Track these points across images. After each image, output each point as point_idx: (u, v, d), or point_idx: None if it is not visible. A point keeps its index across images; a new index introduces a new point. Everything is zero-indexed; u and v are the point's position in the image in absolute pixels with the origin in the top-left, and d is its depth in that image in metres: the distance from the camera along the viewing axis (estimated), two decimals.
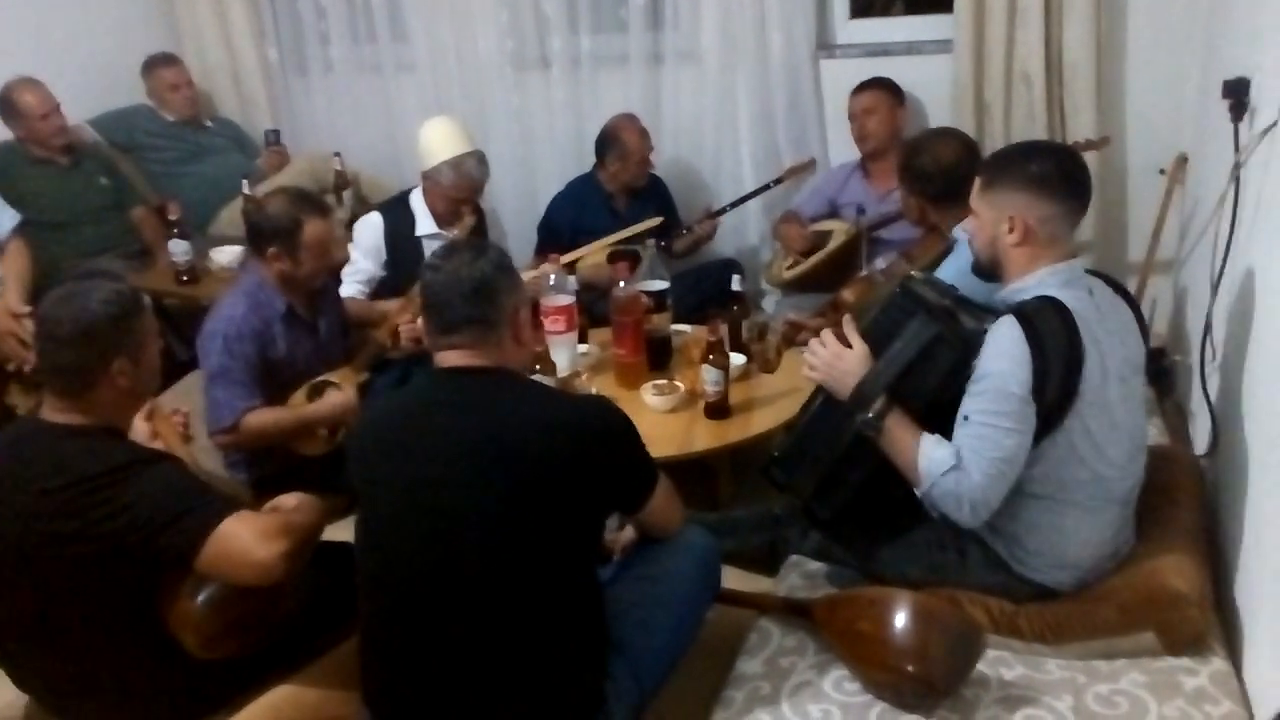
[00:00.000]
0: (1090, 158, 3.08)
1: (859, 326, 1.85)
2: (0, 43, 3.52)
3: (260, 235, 2.47)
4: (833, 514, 1.92)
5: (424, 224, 3.13)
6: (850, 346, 1.82)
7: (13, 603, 1.77)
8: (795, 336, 2.82)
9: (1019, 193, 1.74)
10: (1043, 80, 3.16)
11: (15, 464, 1.74)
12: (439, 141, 3.06)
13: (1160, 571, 1.75)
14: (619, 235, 3.33)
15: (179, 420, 2.10)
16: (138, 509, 1.64)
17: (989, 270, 1.84)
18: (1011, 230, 1.74)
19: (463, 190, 3.05)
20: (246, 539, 1.65)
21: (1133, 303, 1.87)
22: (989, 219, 1.79)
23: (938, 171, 2.42)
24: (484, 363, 1.63)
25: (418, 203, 3.15)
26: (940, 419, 1.74)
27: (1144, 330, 1.87)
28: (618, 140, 3.43)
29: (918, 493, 1.75)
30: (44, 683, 1.87)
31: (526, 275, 3.17)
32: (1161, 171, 2.97)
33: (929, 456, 1.71)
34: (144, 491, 1.66)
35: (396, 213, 3.15)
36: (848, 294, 2.83)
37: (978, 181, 1.83)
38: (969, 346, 1.71)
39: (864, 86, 3.30)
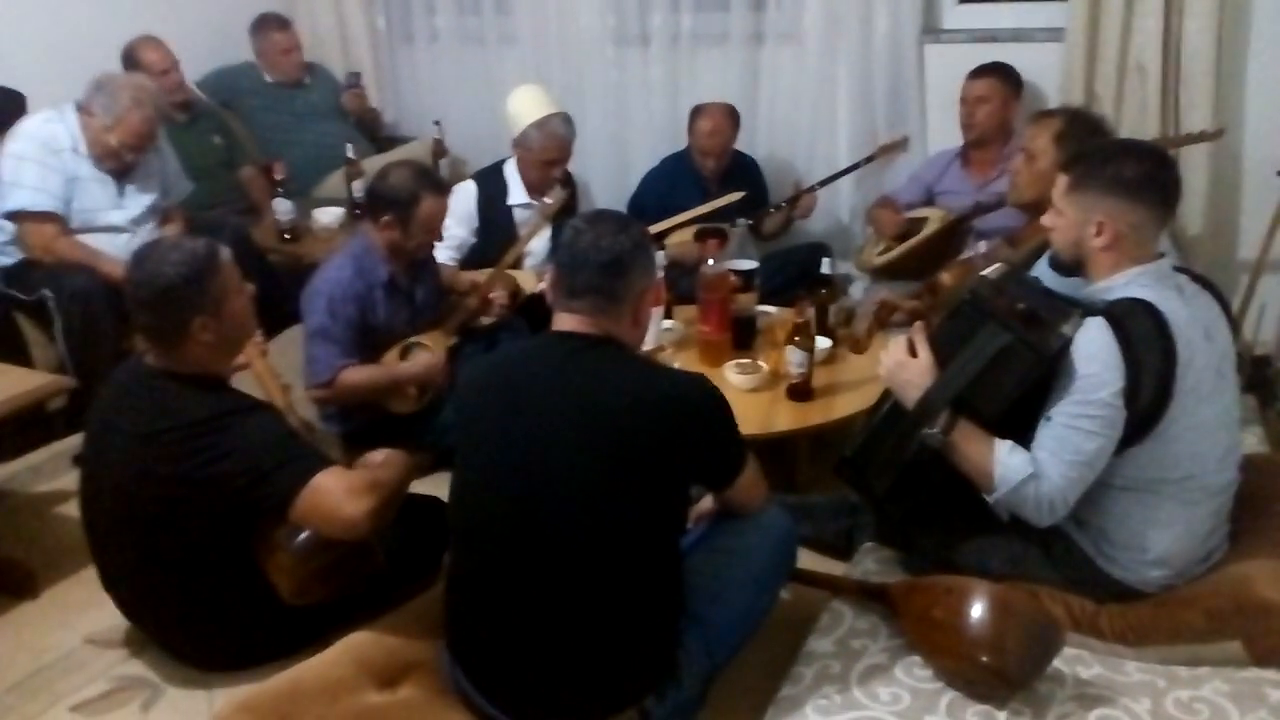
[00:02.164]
0: (1202, 155, 3.00)
1: (928, 332, 1.82)
2: (122, 1, 3.67)
3: (378, 202, 2.56)
4: (905, 515, 1.91)
5: (516, 193, 3.18)
6: (916, 355, 1.79)
7: (120, 538, 1.89)
8: (888, 317, 2.80)
9: (1108, 196, 1.71)
10: (1158, 72, 3.04)
11: (121, 406, 1.85)
12: (524, 106, 3.12)
13: (1251, 580, 1.71)
14: (704, 208, 3.33)
15: (260, 347, 2.16)
16: (238, 457, 1.73)
17: (1070, 267, 1.82)
18: (1099, 234, 1.71)
19: (550, 151, 3.09)
20: (337, 494, 1.72)
21: (1222, 299, 1.83)
22: (1075, 220, 1.75)
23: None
24: (605, 331, 1.67)
25: (511, 172, 3.20)
26: (1013, 424, 1.72)
27: (1233, 326, 1.82)
28: (692, 119, 3.44)
29: (988, 499, 1.73)
30: (144, 611, 1.99)
31: None
32: (1279, 173, 2.85)
33: (1005, 465, 1.69)
34: (245, 440, 1.74)
35: (490, 181, 3.21)
36: (946, 277, 2.79)
37: (1064, 179, 1.79)
38: (1042, 358, 1.66)
39: (982, 72, 3.19)
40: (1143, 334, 1.63)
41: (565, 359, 1.65)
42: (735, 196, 3.34)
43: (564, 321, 1.68)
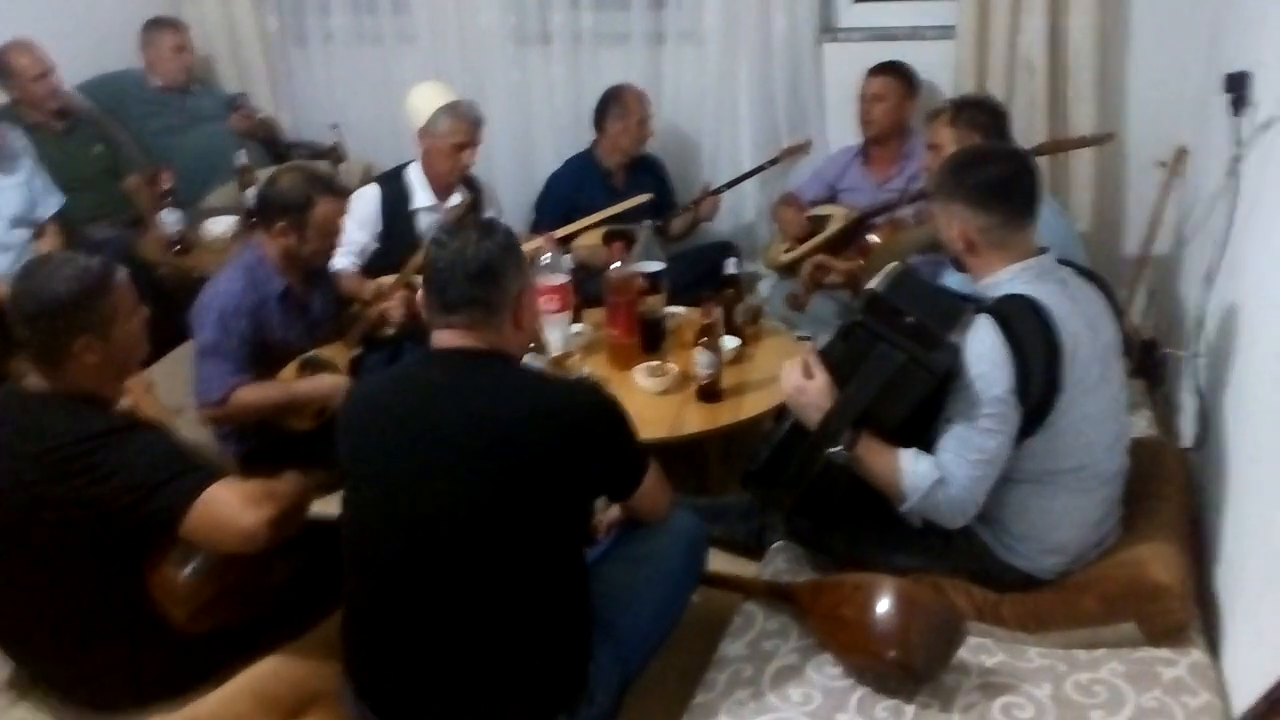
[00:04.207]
0: (1089, 149, 3.10)
1: (819, 351, 1.81)
2: None
3: (270, 209, 2.47)
4: (815, 525, 1.93)
5: (420, 197, 3.12)
6: (813, 376, 1.78)
7: (1, 569, 1.78)
8: (823, 278, 2.83)
9: (958, 204, 1.78)
10: (1045, 69, 3.15)
11: (1, 429, 1.74)
12: (428, 97, 3.07)
13: (1143, 563, 1.77)
14: (611, 210, 3.31)
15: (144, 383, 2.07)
16: (123, 474, 1.64)
17: (958, 267, 1.88)
18: (958, 239, 1.79)
19: (460, 133, 3.03)
20: (232, 504, 1.65)
21: (1106, 288, 1.88)
22: (942, 226, 1.83)
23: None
24: (481, 345, 1.62)
25: (415, 175, 3.13)
26: (915, 431, 1.75)
27: (1119, 315, 1.88)
28: (618, 99, 3.41)
29: (900, 509, 1.76)
30: (31, 650, 1.88)
31: (529, 246, 3.19)
32: (1161, 164, 2.97)
33: (911, 473, 1.72)
34: (129, 457, 1.66)
35: (393, 185, 3.14)
36: (876, 237, 2.84)
37: (932, 188, 1.86)
38: (935, 374, 1.68)
39: (878, 70, 3.25)
40: (1028, 330, 1.68)
41: (451, 377, 1.61)
42: (644, 198, 3.33)
43: (443, 338, 1.63)
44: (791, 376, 1.81)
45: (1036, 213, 1.80)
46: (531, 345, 2.47)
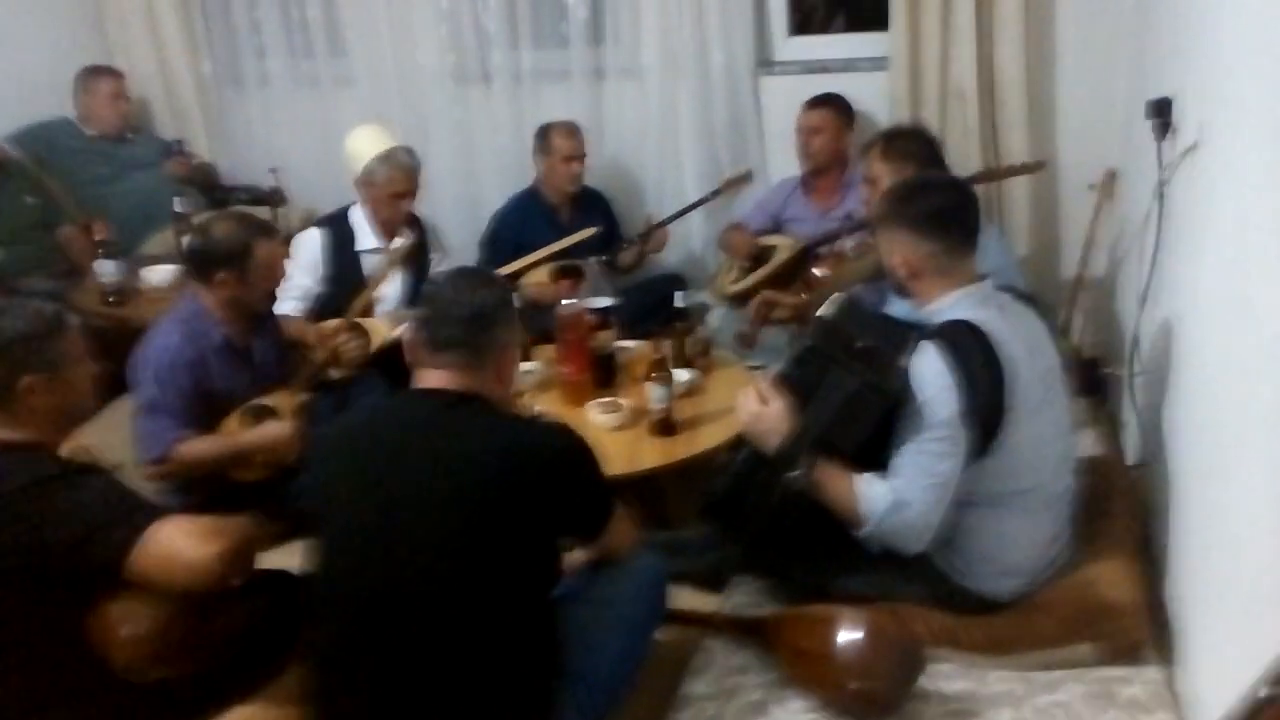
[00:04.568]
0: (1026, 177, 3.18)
1: (776, 376, 1.84)
2: None
3: (207, 260, 2.42)
4: (775, 554, 1.94)
5: (364, 239, 3.09)
6: (768, 403, 1.80)
7: None
8: (769, 313, 2.85)
9: (900, 232, 1.82)
10: (976, 98, 3.23)
11: None
12: (365, 143, 3.06)
13: (1096, 583, 1.80)
14: (558, 245, 3.31)
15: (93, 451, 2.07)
16: (65, 519, 1.61)
17: (901, 292, 1.91)
18: (900, 266, 1.82)
19: (397, 183, 3.03)
20: (179, 540, 1.62)
21: (1044, 314, 1.93)
22: (885, 253, 1.87)
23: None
24: (471, 387, 1.63)
25: (357, 217, 3.11)
26: (870, 456, 1.77)
27: (1059, 338, 1.94)
28: (545, 137, 3.44)
29: (859, 534, 1.77)
30: None
31: None
32: (1092, 187, 3.06)
33: (868, 497, 1.74)
34: (74, 500, 1.63)
35: (336, 227, 3.11)
36: (821, 270, 2.87)
37: (876, 216, 1.90)
38: (888, 397, 1.72)
39: (815, 103, 3.31)
40: (973, 353, 1.71)
41: (428, 417, 1.61)
42: (589, 232, 3.34)
43: (428, 378, 1.64)
44: (748, 403, 1.82)
45: (976, 241, 1.84)
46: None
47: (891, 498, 1.71)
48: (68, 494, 1.64)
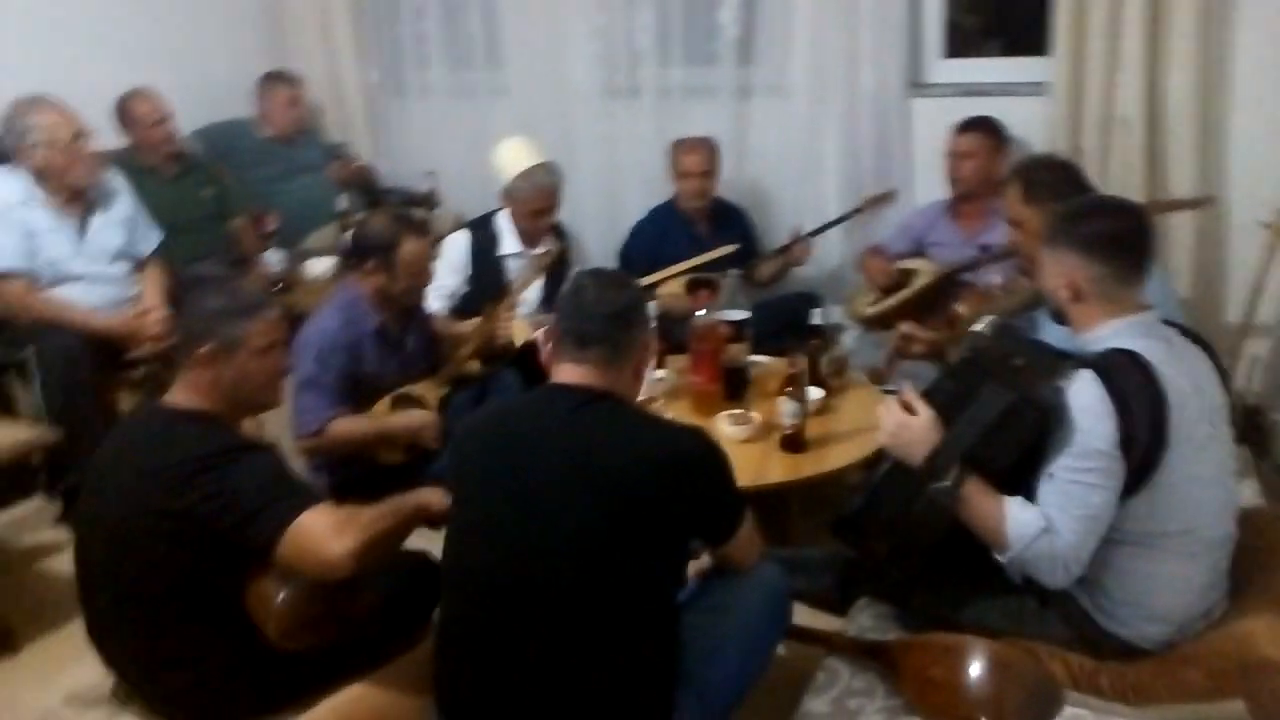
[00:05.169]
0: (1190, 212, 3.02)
1: (923, 390, 1.82)
2: (120, 54, 3.71)
3: (360, 249, 2.58)
4: (906, 576, 1.89)
5: (508, 243, 3.20)
6: (915, 413, 1.78)
7: (108, 578, 1.86)
8: (908, 348, 2.80)
9: (1070, 253, 1.75)
10: (1142, 127, 3.09)
11: (131, 441, 1.85)
12: (509, 159, 3.18)
13: (1254, 637, 1.68)
14: (696, 260, 3.34)
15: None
16: (233, 495, 1.72)
17: (1060, 319, 1.84)
18: (1065, 288, 1.75)
19: (536, 201, 3.13)
20: (320, 532, 1.70)
21: (1211, 351, 1.83)
22: (1049, 273, 1.80)
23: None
24: (601, 385, 1.67)
25: (504, 222, 3.22)
26: (1017, 481, 1.71)
27: (1225, 379, 1.83)
28: (672, 154, 3.48)
29: (1002, 559, 1.71)
30: (129, 661, 1.94)
31: None
32: (1265, 225, 2.88)
33: (1017, 520, 1.67)
34: (243, 478, 1.74)
35: (483, 231, 3.23)
36: (962, 308, 2.81)
37: (1044, 234, 1.82)
38: (1046, 414, 1.66)
39: (966, 127, 3.22)
40: (1132, 383, 1.64)
41: (568, 413, 1.64)
42: (729, 249, 3.36)
43: (568, 373, 1.68)
44: (893, 413, 1.80)
45: (1148, 270, 1.76)
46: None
47: (1042, 524, 1.65)
48: (238, 471, 1.75)
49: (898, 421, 1.79)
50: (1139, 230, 1.77)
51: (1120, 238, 1.74)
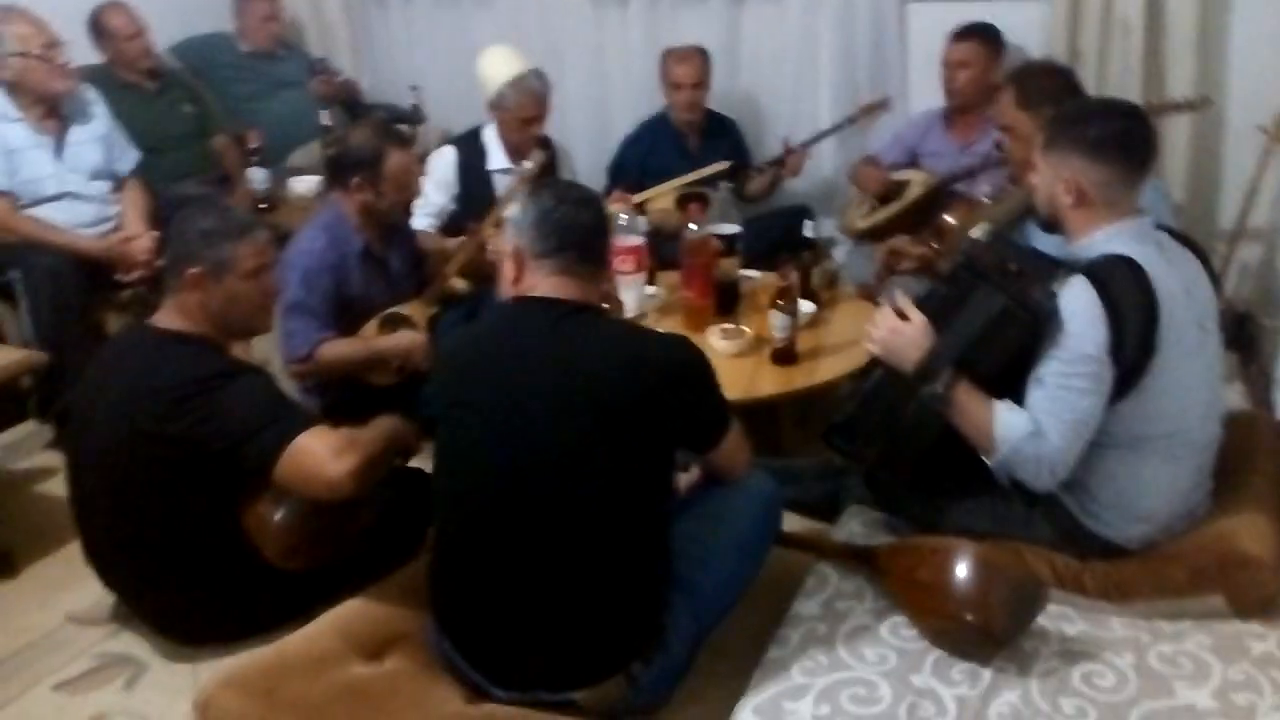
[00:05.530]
0: (1185, 114, 2.98)
1: (916, 298, 1.82)
2: None
3: (343, 166, 2.52)
4: (895, 484, 1.91)
5: (495, 158, 3.14)
6: (907, 319, 1.78)
7: (104, 500, 1.87)
8: (897, 264, 2.80)
9: (1075, 156, 1.72)
10: (1142, 29, 3.02)
11: (119, 364, 1.84)
12: (496, 67, 3.08)
13: (1233, 534, 1.72)
14: (687, 178, 3.29)
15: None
16: (223, 420, 1.72)
17: (1051, 225, 1.82)
18: (1067, 192, 1.73)
19: (527, 108, 3.06)
20: (319, 453, 1.71)
21: (1203, 256, 1.83)
22: (1047, 178, 1.77)
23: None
24: (580, 297, 1.67)
25: (490, 137, 3.16)
26: (1007, 385, 1.72)
27: (1215, 282, 1.83)
28: (663, 65, 3.40)
29: (990, 461, 1.73)
30: (128, 582, 1.97)
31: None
32: (1262, 130, 2.84)
33: (1005, 423, 1.69)
34: (235, 400, 1.75)
35: (469, 146, 3.17)
36: (951, 218, 2.79)
37: (1040, 139, 1.79)
38: (1038, 319, 1.67)
39: (963, 35, 3.13)
40: (1124, 289, 1.63)
41: (549, 326, 1.64)
42: (720, 166, 3.30)
43: (544, 286, 1.68)
44: (886, 319, 1.80)
45: (1150, 170, 1.75)
46: (606, 305, 2.49)
47: (1030, 427, 1.66)
48: (229, 394, 1.75)
49: (890, 327, 1.80)
50: (1143, 132, 1.74)
51: (1126, 139, 1.72)
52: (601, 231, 1.72)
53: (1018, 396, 1.72)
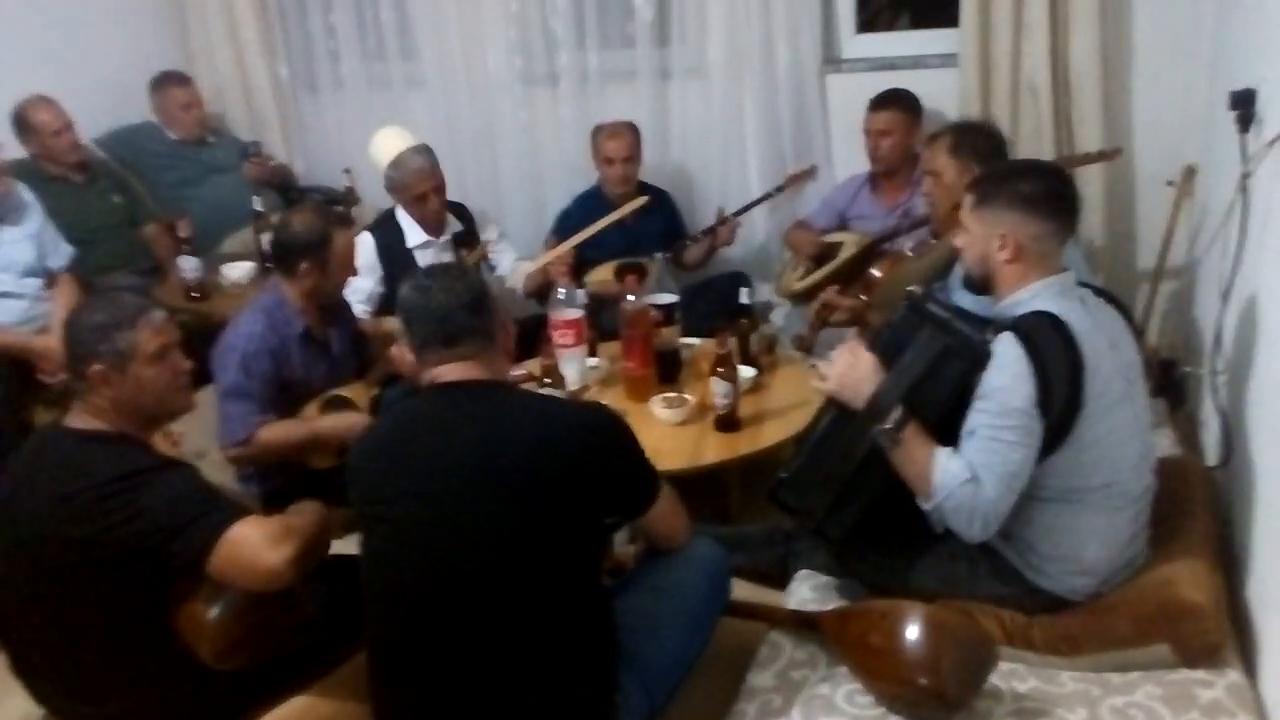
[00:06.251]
0: (1098, 168, 3.11)
1: (866, 340, 1.88)
2: (13, 60, 3.54)
3: (290, 250, 2.50)
4: (844, 533, 1.92)
5: (413, 235, 3.18)
6: (857, 356, 1.84)
7: (30, 611, 1.79)
8: (829, 316, 2.86)
9: (1009, 211, 1.78)
10: (1049, 92, 3.16)
11: (36, 469, 1.77)
12: (377, 151, 3.16)
13: (1174, 583, 1.75)
14: (611, 218, 3.28)
15: (175, 438, 2.16)
16: (152, 514, 1.66)
17: (980, 285, 1.88)
18: (1003, 248, 1.79)
19: (416, 185, 3.10)
20: (255, 543, 1.67)
21: (1125, 310, 1.90)
22: (980, 235, 1.83)
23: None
24: (483, 375, 1.66)
25: (403, 217, 3.19)
26: (948, 432, 1.75)
27: (1138, 336, 1.89)
28: (595, 140, 3.48)
29: (925, 506, 1.75)
30: (59, 694, 1.87)
31: (540, 261, 3.21)
32: (1170, 183, 2.98)
33: (944, 469, 1.71)
34: (159, 496, 1.69)
35: (386, 228, 3.20)
36: (878, 271, 2.86)
37: (969, 198, 1.87)
38: (976, 357, 1.73)
39: (883, 104, 3.25)
40: (1049, 345, 1.69)
41: (459, 409, 1.63)
42: (640, 202, 3.34)
43: (445, 373, 1.67)
44: (841, 356, 1.86)
45: (1076, 226, 1.83)
46: (548, 380, 2.48)
47: (968, 475, 1.69)
48: (154, 490, 1.69)
49: (847, 362, 1.84)
50: (1069, 190, 1.83)
51: (1056, 195, 1.80)
52: (483, 304, 1.68)
53: (955, 445, 1.75)
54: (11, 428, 2.76)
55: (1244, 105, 2.20)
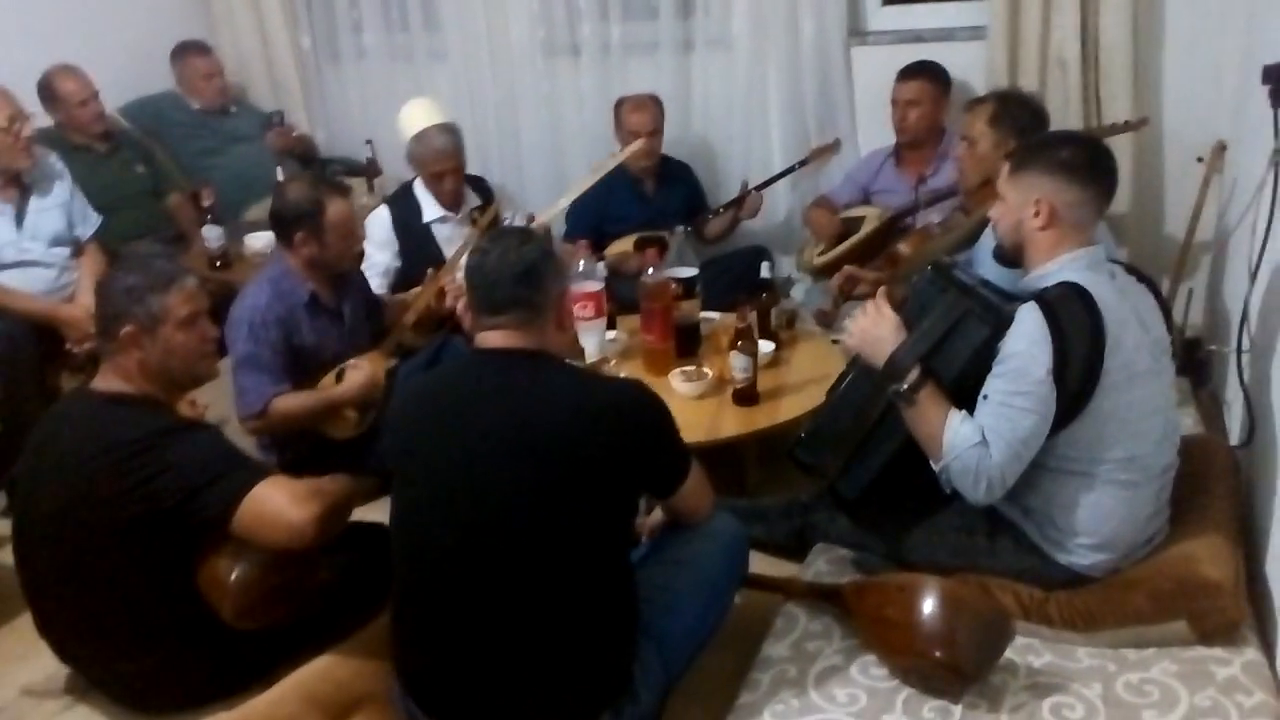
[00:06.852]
0: (1126, 143, 3.07)
1: (893, 299, 1.89)
2: (39, 30, 3.57)
3: (285, 221, 2.50)
4: (858, 493, 1.93)
5: (430, 210, 3.17)
6: (881, 314, 1.85)
7: (55, 569, 1.83)
8: (852, 289, 2.86)
9: (1047, 177, 1.76)
10: (1079, 66, 3.11)
11: (61, 431, 1.81)
12: (405, 123, 3.13)
13: (1193, 560, 1.74)
14: (609, 164, 3.23)
15: (199, 408, 2.19)
16: (177, 472, 1.69)
17: (1011, 256, 1.86)
18: (1037, 214, 1.77)
19: (432, 164, 3.09)
20: (280, 500, 1.69)
21: (1154, 288, 1.88)
22: (1015, 203, 1.81)
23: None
24: (526, 345, 1.66)
25: (421, 191, 3.18)
26: (964, 398, 1.75)
27: (1167, 314, 1.87)
28: (618, 113, 3.44)
29: (935, 466, 1.76)
30: (83, 652, 1.92)
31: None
32: (1200, 159, 2.93)
33: (955, 430, 1.71)
34: (184, 455, 1.72)
35: (402, 203, 3.19)
36: (904, 247, 2.86)
37: (1006, 166, 1.85)
38: (998, 324, 1.72)
39: (911, 74, 3.21)
40: (1072, 315, 1.67)
41: (497, 376, 1.63)
42: (637, 146, 3.25)
43: (489, 339, 1.67)
44: (866, 313, 1.86)
45: (1112, 198, 1.82)
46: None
47: (978, 438, 1.69)
48: (179, 449, 1.72)
49: (870, 318, 1.85)
50: (1109, 160, 1.81)
51: (1094, 165, 1.78)
52: (536, 275, 1.65)
53: (971, 410, 1.75)
54: (38, 394, 2.80)
55: (1278, 80, 2.16)
